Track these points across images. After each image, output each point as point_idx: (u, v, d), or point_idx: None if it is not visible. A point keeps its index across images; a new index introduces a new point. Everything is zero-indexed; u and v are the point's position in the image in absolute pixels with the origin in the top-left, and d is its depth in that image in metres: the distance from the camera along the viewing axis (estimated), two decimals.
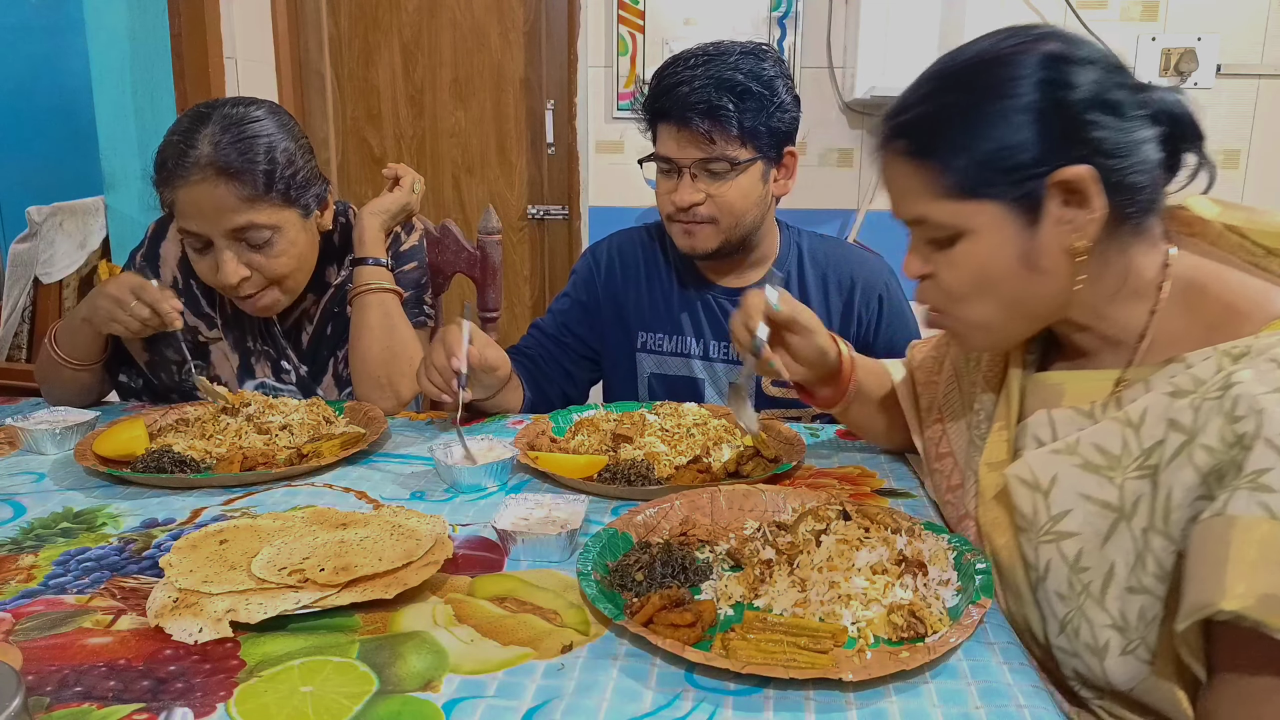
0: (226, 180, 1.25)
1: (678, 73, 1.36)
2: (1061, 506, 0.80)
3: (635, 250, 1.57)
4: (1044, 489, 0.81)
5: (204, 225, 1.28)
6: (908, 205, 0.85)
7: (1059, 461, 0.81)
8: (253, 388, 1.46)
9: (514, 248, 2.76)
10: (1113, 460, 0.78)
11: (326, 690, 0.67)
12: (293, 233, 1.33)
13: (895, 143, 0.85)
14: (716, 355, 1.50)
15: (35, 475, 1.11)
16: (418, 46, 2.66)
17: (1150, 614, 0.74)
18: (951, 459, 0.99)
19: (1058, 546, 0.80)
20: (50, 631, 0.75)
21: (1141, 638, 0.74)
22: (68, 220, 2.62)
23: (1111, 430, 0.78)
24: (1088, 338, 0.87)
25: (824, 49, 2.35)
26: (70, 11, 2.69)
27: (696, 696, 0.67)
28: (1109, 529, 0.77)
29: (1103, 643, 0.76)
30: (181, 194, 1.26)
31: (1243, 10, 2.25)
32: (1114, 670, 0.76)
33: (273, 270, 1.32)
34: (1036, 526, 0.82)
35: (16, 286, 2.65)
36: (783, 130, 1.39)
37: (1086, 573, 0.78)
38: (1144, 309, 0.83)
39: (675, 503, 0.96)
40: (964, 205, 0.81)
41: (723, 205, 1.38)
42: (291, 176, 1.31)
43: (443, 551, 0.85)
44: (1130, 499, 0.76)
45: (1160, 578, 0.73)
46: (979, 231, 0.81)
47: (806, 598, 0.77)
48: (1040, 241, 0.80)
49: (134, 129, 2.59)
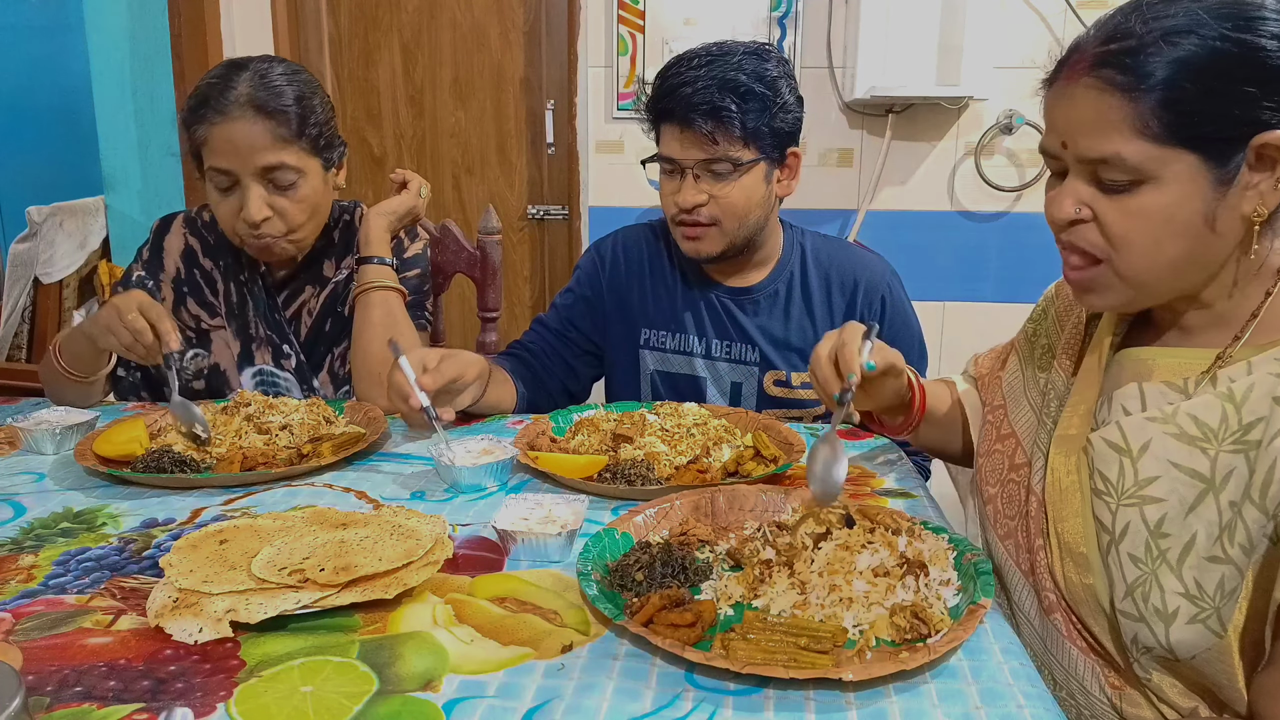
0: (264, 118, 1.32)
1: (681, 73, 1.35)
2: (1150, 472, 0.81)
3: (640, 247, 1.58)
4: (1133, 454, 0.82)
5: (235, 162, 1.32)
6: (1096, 140, 0.78)
7: (1153, 429, 0.82)
8: (251, 374, 1.47)
9: (514, 248, 2.75)
10: (1209, 433, 0.79)
11: (326, 690, 0.67)
12: (315, 181, 1.40)
13: (1102, 70, 0.78)
14: (719, 354, 1.51)
15: (35, 475, 1.11)
16: (418, 46, 2.66)
17: (1230, 585, 0.75)
18: (1014, 439, 0.99)
19: (1140, 510, 0.81)
20: (50, 631, 0.75)
21: (1216, 609, 0.76)
22: (68, 220, 2.62)
23: (1211, 404, 0.79)
24: (1198, 314, 0.86)
25: (824, 49, 2.35)
26: (70, 11, 2.69)
27: (696, 696, 0.67)
28: (1196, 499, 0.78)
29: (1172, 609, 0.77)
30: (217, 130, 1.31)
31: None
32: (1178, 637, 0.77)
33: (292, 215, 1.37)
34: (1120, 489, 0.83)
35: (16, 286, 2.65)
36: (786, 130, 1.39)
37: (1167, 539, 0.79)
38: (1262, 290, 0.83)
39: (675, 503, 0.96)
40: (1165, 151, 0.76)
41: (726, 206, 1.38)
42: (319, 127, 1.39)
43: (443, 551, 0.85)
44: (1222, 471, 0.77)
45: (1246, 550, 0.74)
46: (1169, 181, 0.77)
47: (806, 600, 0.77)
48: (1226, 202, 0.77)
49: (134, 129, 2.59)
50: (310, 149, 1.38)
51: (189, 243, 1.50)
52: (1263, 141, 0.74)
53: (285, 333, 1.47)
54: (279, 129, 1.33)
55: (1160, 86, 0.75)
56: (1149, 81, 0.75)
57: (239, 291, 1.47)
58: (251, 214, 1.33)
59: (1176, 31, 0.75)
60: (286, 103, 1.33)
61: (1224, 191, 0.77)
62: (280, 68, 1.37)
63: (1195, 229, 0.78)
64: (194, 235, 1.51)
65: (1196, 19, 0.75)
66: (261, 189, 1.34)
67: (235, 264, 1.48)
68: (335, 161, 1.45)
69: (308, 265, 1.50)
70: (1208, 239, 0.79)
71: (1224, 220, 0.78)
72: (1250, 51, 0.74)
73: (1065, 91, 0.81)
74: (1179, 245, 0.79)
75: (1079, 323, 0.99)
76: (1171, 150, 0.76)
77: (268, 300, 1.47)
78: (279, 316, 1.48)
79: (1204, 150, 0.76)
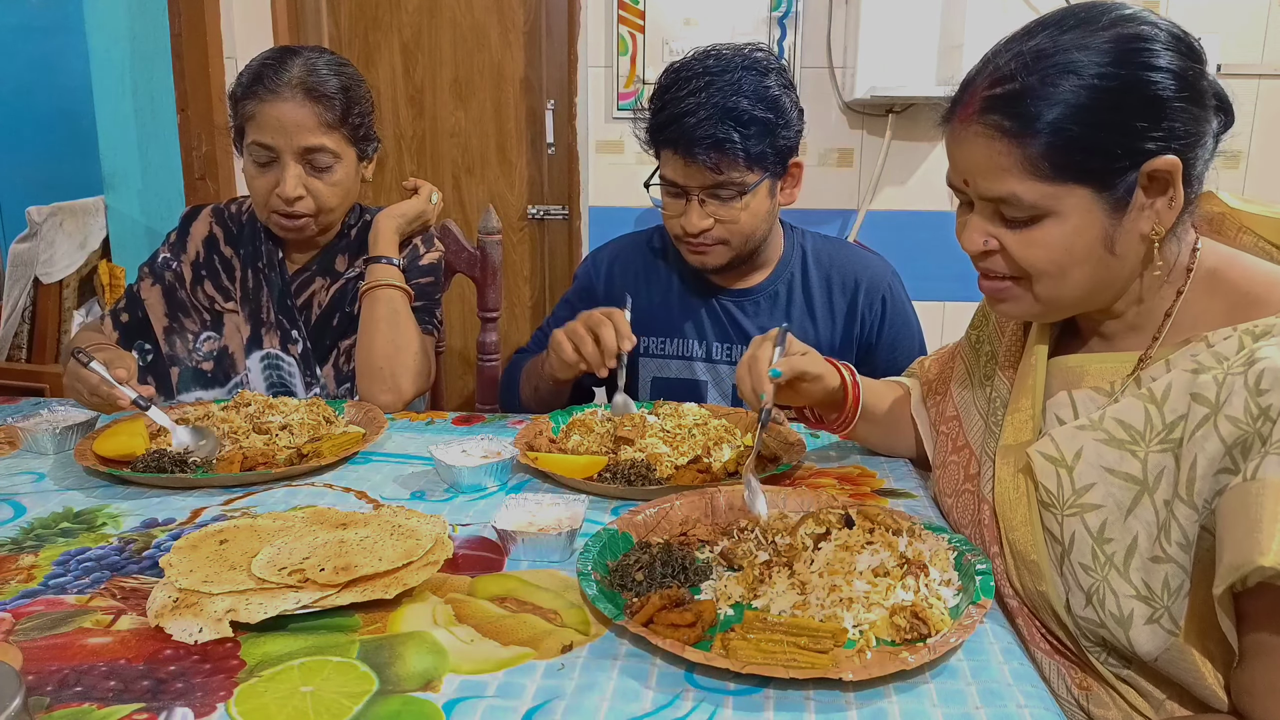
0: (313, 101, 1.39)
1: (681, 99, 1.31)
2: (1086, 480, 0.82)
3: (636, 255, 1.57)
4: (1068, 464, 0.83)
5: (280, 139, 1.39)
6: (992, 183, 0.82)
7: (1083, 436, 0.82)
8: (259, 358, 1.50)
9: (514, 248, 2.75)
10: (1135, 435, 0.79)
11: (326, 690, 0.67)
12: (349, 168, 1.47)
13: (988, 117, 0.81)
14: (720, 357, 1.50)
15: (35, 475, 1.11)
16: (418, 46, 2.66)
17: (1175, 583, 0.75)
18: (968, 450, 1.00)
19: (1082, 519, 0.82)
20: (50, 631, 0.75)
21: (1166, 608, 0.76)
22: (68, 220, 2.62)
23: (1135, 406, 0.80)
24: (1114, 323, 0.89)
25: (824, 49, 2.35)
26: (70, 11, 2.69)
27: (696, 696, 0.67)
28: (1132, 501, 0.79)
29: (1127, 613, 0.78)
30: (267, 107, 1.38)
31: (1243, 10, 2.26)
32: (1139, 640, 0.77)
33: (324, 197, 1.44)
34: (1061, 500, 0.83)
35: (16, 286, 2.65)
36: (789, 146, 1.38)
37: (1110, 544, 0.80)
38: (1173, 292, 0.85)
39: (675, 503, 0.96)
40: (1057, 188, 0.80)
41: (733, 229, 1.37)
42: (361, 118, 1.47)
43: (443, 551, 0.85)
44: (1153, 471, 0.78)
45: (1184, 547, 0.75)
46: (1066, 213, 0.81)
47: (806, 600, 0.77)
48: (1123, 226, 0.81)
49: (134, 129, 2.59)
50: (350, 137, 1.45)
51: (213, 230, 1.55)
52: (1153, 168, 0.78)
53: (295, 319, 1.50)
54: (325, 114, 1.40)
55: (1046, 131, 0.78)
56: (1034, 126, 0.79)
57: (255, 278, 1.51)
58: (287, 190, 1.39)
59: (1059, 74, 0.78)
60: (333, 90, 1.40)
61: (1120, 217, 0.81)
62: (331, 58, 1.45)
63: (1096, 254, 0.82)
64: (219, 224, 1.56)
65: (1076, 60, 0.78)
66: (299, 168, 1.41)
67: (255, 252, 1.52)
68: (369, 154, 1.52)
69: (323, 257, 1.53)
70: (1110, 262, 0.83)
71: (1124, 242, 0.82)
72: (1137, 85, 0.77)
73: (959, 134, 0.84)
74: (1083, 270, 0.83)
75: (1017, 329, 1.00)
76: (1064, 186, 0.80)
77: (282, 286, 1.51)
78: (291, 303, 1.51)
79: (1096, 182, 0.79)
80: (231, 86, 1.44)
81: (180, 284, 1.52)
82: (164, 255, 1.54)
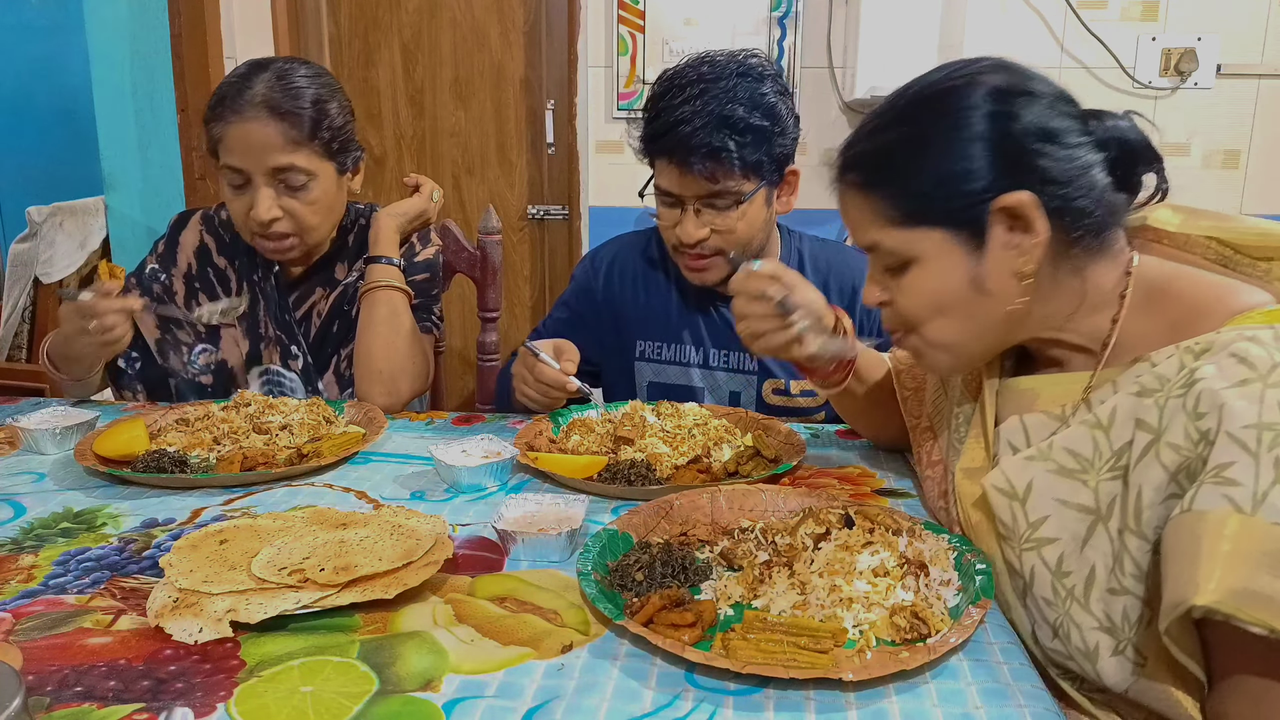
0: (277, 120, 1.33)
1: (675, 107, 1.30)
2: (1039, 513, 0.81)
3: (634, 258, 1.56)
4: (1020, 497, 0.82)
5: (248, 161, 1.34)
6: (861, 234, 0.89)
7: (1033, 468, 0.82)
8: (258, 374, 1.48)
9: (514, 248, 2.76)
10: (1085, 463, 0.78)
11: (326, 690, 0.67)
12: (327, 184, 1.40)
13: (848, 175, 0.88)
14: (717, 364, 1.50)
15: (35, 475, 1.11)
16: (418, 46, 2.66)
17: (1134, 615, 0.74)
18: (942, 466, 1.00)
19: (1039, 553, 0.80)
20: (50, 631, 0.75)
21: (1130, 640, 0.74)
22: (68, 220, 2.63)
23: (1082, 434, 0.79)
24: (1057, 349, 0.89)
25: (824, 49, 2.35)
26: (70, 11, 2.70)
27: (696, 696, 0.67)
28: (1086, 532, 0.77)
29: (1092, 646, 0.76)
30: (232, 129, 1.33)
31: (1243, 10, 2.25)
32: (1107, 672, 0.76)
33: (302, 216, 1.38)
34: (1017, 534, 0.82)
35: (16, 286, 2.65)
36: (785, 153, 1.37)
37: (1069, 577, 0.78)
38: (1107, 317, 0.84)
39: (675, 503, 0.96)
40: (911, 233, 0.84)
41: (730, 239, 1.36)
42: (334, 131, 1.39)
43: (443, 551, 0.85)
44: (1105, 501, 0.76)
45: (1139, 578, 0.73)
46: (927, 258, 0.84)
47: (806, 600, 0.77)
48: (987, 266, 0.82)
49: (134, 129, 2.59)
50: (323, 152, 1.38)
51: (204, 240, 1.51)
52: (1002, 205, 0.79)
53: (295, 334, 1.48)
54: (291, 131, 1.34)
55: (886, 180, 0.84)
56: (876, 176, 0.85)
57: (251, 291, 1.48)
58: (260, 214, 1.35)
59: (892, 125, 0.85)
60: (302, 105, 1.34)
61: (980, 257, 0.82)
62: (302, 70, 1.38)
63: (965, 295, 0.84)
64: (210, 233, 1.52)
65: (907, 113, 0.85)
66: (271, 189, 1.35)
67: (249, 263, 1.49)
68: (350, 166, 1.46)
69: (320, 267, 1.50)
70: (983, 301, 0.84)
71: (994, 281, 0.83)
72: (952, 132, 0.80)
73: (836, 192, 0.92)
74: (958, 312, 0.85)
75: None
76: (917, 230, 0.84)
77: (279, 300, 1.48)
78: (289, 317, 1.48)
79: (945, 222, 0.82)
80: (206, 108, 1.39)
81: (170, 297, 1.48)
82: (152, 266, 1.50)
